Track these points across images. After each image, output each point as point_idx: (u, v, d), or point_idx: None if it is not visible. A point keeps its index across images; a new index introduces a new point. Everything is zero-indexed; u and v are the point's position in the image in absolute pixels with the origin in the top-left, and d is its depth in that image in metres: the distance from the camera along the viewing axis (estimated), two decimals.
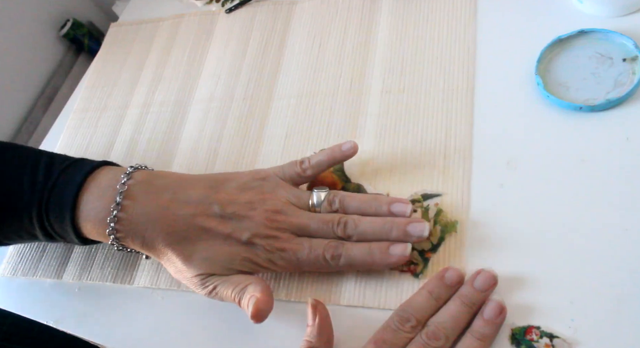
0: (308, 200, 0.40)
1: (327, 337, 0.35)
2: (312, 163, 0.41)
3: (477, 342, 0.33)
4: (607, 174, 0.37)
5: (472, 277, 0.35)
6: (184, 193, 0.39)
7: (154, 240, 0.38)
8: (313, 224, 0.38)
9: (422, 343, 0.33)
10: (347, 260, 0.37)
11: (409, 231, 0.36)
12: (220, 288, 0.37)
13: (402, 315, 0.34)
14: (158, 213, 0.38)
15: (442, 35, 0.47)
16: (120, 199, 0.38)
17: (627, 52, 0.40)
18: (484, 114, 0.42)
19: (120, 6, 0.71)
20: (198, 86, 0.55)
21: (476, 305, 0.34)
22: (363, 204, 0.39)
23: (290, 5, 0.57)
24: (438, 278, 0.35)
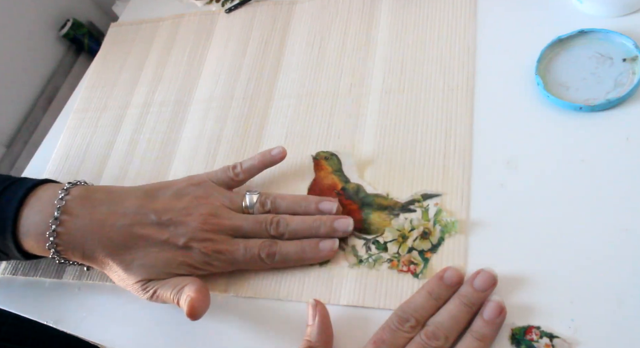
0: (241, 203, 0.42)
1: (326, 337, 0.35)
2: (243, 167, 0.43)
3: (477, 342, 0.33)
4: (607, 174, 0.37)
5: (472, 277, 0.35)
6: (121, 204, 0.40)
7: (93, 252, 0.39)
8: (247, 225, 0.40)
9: (421, 343, 0.33)
10: (281, 256, 0.39)
11: (335, 227, 0.39)
12: (160, 291, 0.38)
13: (401, 315, 0.34)
14: (96, 226, 0.39)
15: (442, 35, 0.47)
16: (58, 214, 0.39)
17: (627, 52, 0.40)
18: (484, 114, 0.42)
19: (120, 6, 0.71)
20: (198, 86, 0.55)
21: (476, 305, 0.34)
22: (293, 204, 0.41)
23: (290, 5, 0.57)
24: (437, 278, 0.35)
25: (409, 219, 0.39)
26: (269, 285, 0.40)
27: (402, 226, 0.39)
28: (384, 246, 0.39)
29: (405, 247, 0.38)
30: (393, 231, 0.39)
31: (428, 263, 0.37)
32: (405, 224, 0.39)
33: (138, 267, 0.39)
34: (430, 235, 0.38)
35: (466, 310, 0.34)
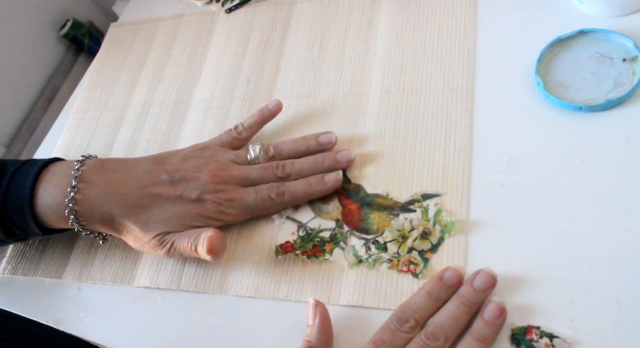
0: (246, 156, 0.44)
1: (326, 337, 0.35)
2: (245, 125, 0.46)
3: (477, 343, 0.33)
4: (607, 174, 0.37)
5: (472, 277, 0.35)
6: (134, 170, 0.43)
7: (111, 214, 0.41)
8: (254, 173, 0.43)
9: (421, 343, 0.33)
10: (290, 195, 0.41)
11: (338, 159, 0.43)
12: (177, 242, 0.40)
13: (401, 315, 0.34)
14: (112, 190, 0.41)
15: (442, 36, 0.47)
16: (75, 182, 0.41)
17: (627, 52, 0.40)
18: (484, 114, 0.42)
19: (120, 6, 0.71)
20: (198, 86, 0.55)
21: (475, 306, 0.34)
22: (294, 144, 0.44)
23: (290, 5, 0.57)
24: (437, 279, 0.35)
25: (408, 219, 0.39)
26: (269, 285, 0.40)
27: (402, 226, 0.39)
28: (383, 246, 0.39)
29: (405, 247, 0.38)
30: (393, 231, 0.39)
31: (428, 263, 0.37)
32: (405, 224, 0.39)
33: (155, 223, 0.40)
34: (430, 235, 0.38)
35: (466, 311, 0.34)
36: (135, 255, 0.46)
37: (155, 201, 0.41)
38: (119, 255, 0.46)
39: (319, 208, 0.42)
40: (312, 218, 0.42)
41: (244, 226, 0.44)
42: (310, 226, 0.42)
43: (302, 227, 0.42)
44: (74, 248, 0.48)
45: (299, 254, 0.41)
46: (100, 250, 0.47)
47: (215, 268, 0.43)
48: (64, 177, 0.41)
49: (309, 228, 0.42)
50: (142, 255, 0.46)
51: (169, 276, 0.44)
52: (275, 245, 0.42)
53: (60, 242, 0.49)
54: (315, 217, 0.42)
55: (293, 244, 0.41)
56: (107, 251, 0.47)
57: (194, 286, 0.42)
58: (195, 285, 0.42)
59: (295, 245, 0.41)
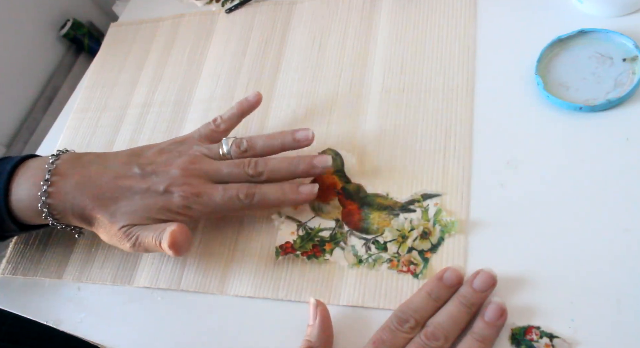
0: (219, 150, 0.43)
1: (327, 337, 0.35)
2: (224, 118, 0.45)
3: (478, 343, 0.33)
4: (607, 174, 0.37)
5: (471, 277, 0.35)
6: (108, 162, 0.43)
7: (82, 206, 0.40)
8: (225, 168, 0.41)
9: (421, 343, 0.33)
10: (260, 197, 0.40)
11: (314, 163, 0.41)
12: (142, 236, 0.39)
13: (400, 316, 0.34)
14: (84, 182, 0.41)
15: (442, 35, 0.47)
16: (49, 176, 0.41)
17: (627, 52, 0.40)
18: (484, 114, 0.42)
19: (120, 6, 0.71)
20: (198, 86, 0.55)
21: (475, 306, 0.34)
22: (269, 140, 0.43)
23: (290, 5, 0.57)
24: (437, 279, 0.35)
25: (408, 219, 0.39)
26: (269, 285, 0.40)
27: (402, 226, 0.39)
28: (383, 246, 0.39)
29: (405, 247, 0.38)
30: (393, 231, 0.39)
31: (428, 263, 0.37)
32: (405, 224, 0.39)
33: (121, 215, 0.40)
34: (430, 235, 0.38)
35: (465, 311, 0.34)
36: (135, 255, 0.46)
37: (125, 193, 0.40)
38: (119, 255, 0.46)
39: (319, 208, 0.42)
40: (312, 217, 0.42)
41: (243, 226, 0.44)
42: (310, 226, 0.42)
43: (301, 226, 0.42)
44: (74, 248, 0.48)
45: (299, 255, 0.41)
46: (101, 250, 0.47)
47: (215, 268, 0.43)
48: (38, 171, 0.41)
49: (309, 227, 0.42)
50: (142, 255, 0.46)
51: (169, 276, 0.44)
52: (275, 245, 0.42)
53: (60, 242, 0.49)
54: (315, 217, 0.42)
55: (293, 244, 0.41)
56: (107, 251, 0.47)
57: (194, 287, 0.42)
58: (195, 285, 0.42)
59: (295, 245, 0.41)
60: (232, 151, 0.42)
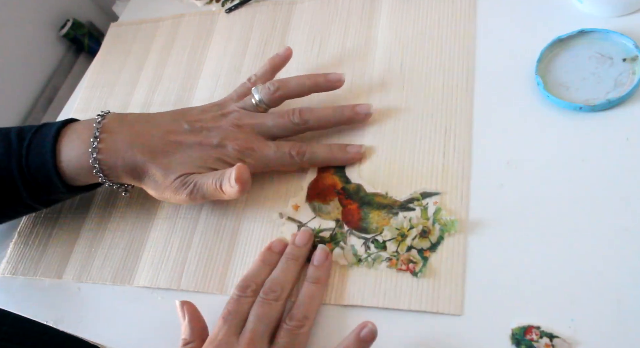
0: (252, 101, 0.44)
1: (200, 330, 0.38)
2: (258, 74, 0.47)
3: (314, 285, 0.38)
4: (607, 174, 0.37)
5: (292, 238, 0.40)
6: (154, 120, 0.44)
7: (134, 161, 0.41)
8: (270, 121, 0.43)
9: (261, 300, 0.37)
10: (311, 155, 0.42)
11: (357, 110, 0.43)
12: (200, 182, 0.40)
13: (241, 285, 0.38)
14: (134, 137, 0.42)
15: (442, 35, 0.47)
16: (98, 133, 0.42)
17: (627, 52, 0.40)
18: (484, 114, 0.42)
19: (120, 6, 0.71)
20: (198, 85, 0.55)
21: (300, 258, 0.39)
22: (301, 79, 0.44)
23: (290, 5, 0.57)
24: (267, 249, 0.40)
25: (408, 217, 0.39)
26: None
27: (401, 225, 0.39)
28: (382, 245, 0.39)
29: (404, 246, 0.38)
30: (392, 230, 0.39)
31: (427, 262, 0.37)
32: (405, 222, 0.39)
33: (177, 165, 0.41)
34: (430, 233, 0.38)
35: (293, 263, 0.39)
36: (135, 255, 0.46)
37: (177, 147, 0.42)
38: (119, 255, 0.46)
39: (319, 208, 0.42)
40: (312, 218, 0.42)
41: (243, 226, 0.44)
42: (311, 227, 0.42)
43: (302, 227, 0.42)
44: (74, 248, 0.48)
45: None
46: (100, 250, 0.47)
47: (215, 268, 0.43)
48: (85, 130, 0.42)
49: (309, 228, 0.42)
50: (142, 254, 0.46)
51: (169, 276, 0.44)
52: None
53: (60, 242, 0.49)
54: (315, 217, 0.42)
55: None
56: (107, 251, 0.47)
57: (194, 286, 0.42)
58: (195, 285, 0.42)
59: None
60: (264, 96, 0.44)
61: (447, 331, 0.35)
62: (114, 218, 0.49)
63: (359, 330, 0.34)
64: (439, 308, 0.36)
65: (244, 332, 0.36)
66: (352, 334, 0.34)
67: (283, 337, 0.35)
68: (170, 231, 0.46)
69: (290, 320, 0.36)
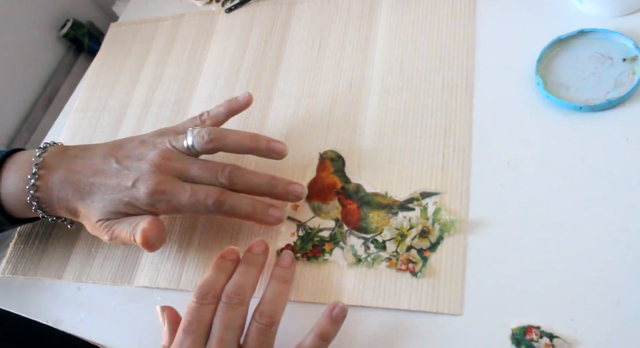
0: (184, 142, 0.41)
1: None
2: (210, 114, 0.44)
3: (282, 284, 0.37)
4: (607, 174, 0.37)
5: (249, 247, 0.39)
6: (92, 155, 0.42)
7: (66, 199, 0.41)
8: (196, 169, 0.40)
9: (224, 305, 0.35)
10: (230, 208, 0.39)
11: (289, 190, 0.40)
12: (117, 229, 0.40)
13: (200, 292, 0.36)
14: (67, 176, 0.41)
15: (442, 35, 0.47)
16: (36, 169, 0.41)
17: (627, 52, 0.40)
18: (484, 114, 0.42)
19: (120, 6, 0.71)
20: (198, 85, 0.55)
21: (259, 264, 0.38)
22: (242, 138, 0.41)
23: (289, 5, 0.57)
24: (220, 258, 0.39)
25: (407, 217, 0.39)
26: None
27: (400, 225, 0.39)
28: (382, 245, 0.39)
29: (404, 246, 0.38)
30: (392, 230, 0.39)
31: (427, 262, 0.37)
32: (404, 222, 0.39)
33: (94, 209, 0.40)
34: (429, 233, 0.38)
35: (253, 269, 0.38)
36: (135, 255, 0.46)
37: (99, 188, 0.40)
38: (119, 255, 0.46)
39: (319, 208, 0.42)
40: (312, 217, 0.42)
41: (243, 226, 0.44)
42: (310, 226, 0.42)
43: (301, 226, 0.42)
44: (74, 248, 0.48)
45: (299, 257, 0.41)
46: (100, 249, 0.47)
47: None
48: (25, 164, 0.42)
49: (309, 227, 0.42)
50: (142, 254, 0.46)
51: (169, 276, 0.44)
52: (275, 247, 0.42)
53: (60, 242, 0.49)
54: (314, 216, 0.42)
55: (293, 247, 0.41)
56: (107, 251, 0.47)
57: (194, 286, 0.42)
58: (195, 285, 0.42)
59: (295, 247, 0.41)
60: (196, 143, 0.40)
61: (447, 331, 0.35)
62: None
63: (330, 310, 0.35)
64: (438, 308, 0.36)
65: (210, 342, 0.34)
66: (324, 315, 0.35)
67: (255, 338, 0.34)
68: (170, 231, 0.46)
69: (261, 317, 0.35)
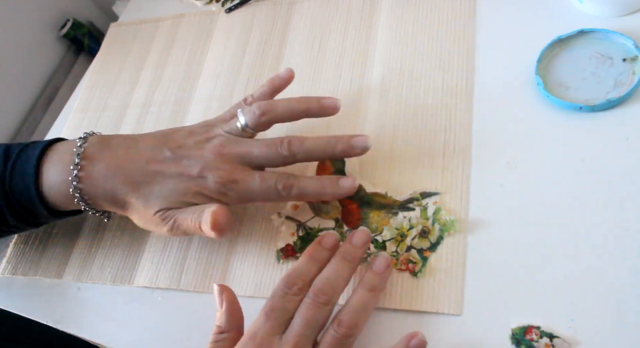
0: (237, 124, 0.40)
1: (236, 320, 0.36)
2: (255, 96, 0.43)
3: (369, 293, 0.35)
4: (607, 174, 0.37)
5: (349, 237, 0.37)
6: (137, 145, 0.41)
7: (114, 191, 0.39)
8: (256, 149, 0.39)
9: (310, 302, 0.34)
10: (298, 190, 0.38)
11: (353, 144, 0.38)
12: (180, 218, 0.38)
13: (287, 280, 0.35)
14: (114, 166, 0.40)
15: (442, 35, 0.47)
16: (78, 160, 0.40)
17: (627, 52, 0.40)
18: (484, 114, 0.42)
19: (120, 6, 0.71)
20: (198, 85, 0.55)
21: (355, 260, 0.36)
22: (291, 103, 0.40)
23: (289, 5, 0.57)
24: (316, 243, 0.38)
25: (407, 217, 0.39)
26: (269, 285, 0.40)
27: (400, 225, 0.39)
28: (382, 245, 0.39)
29: (404, 246, 0.38)
30: (392, 230, 0.39)
31: (427, 262, 0.37)
32: (404, 222, 0.39)
33: (155, 199, 0.39)
34: (429, 233, 0.38)
35: (347, 265, 0.36)
36: (135, 255, 0.46)
37: (157, 177, 0.39)
38: (119, 255, 0.46)
39: (319, 208, 0.42)
40: (312, 217, 0.42)
41: (243, 226, 0.44)
42: (310, 226, 0.42)
43: (301, 226, 0.42)
44: (74, 248, 0.48)
45: (300, 257, 0.41)
46: (100, 250, 0.47)
47: (215, 268, 0.43)
48: (66, 155, 0.41)
49: (309, 227, 0.42)
50: (142, 254, 0.46)
51: (169, 276, 0.44)
52: (275, 247, 0.42)
53: (60, 242, 0.49)
54: (314, 216, 0.42)
55: (294, 247, 0.41)
56: (107, 251, 0.47)
57: (194, 286, 0.42)
58: (195, 285, 0.42)
59: (295, 247, 0.41)
60: (249, 120, 0.40)
61: (447, 331, 0.35)
62: (114, 218, 0.49)
63: (408, 339, 0.33)
64: (438, 308, 0.36)
65: (288, 333, 0.34)
66: (401, 343, 0.33)
67: (328, 344, 0.33)
68: None
69: (339, 326, 0.33)
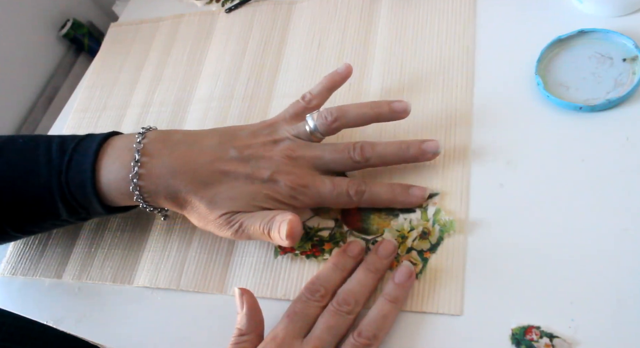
0: (305, 128, 0.40)
1: (256, 323, 0.36)
2: (314, 93, 0.42)
3: (390, 304, 0.35)
4: (607, 174, 0.37)
5: (375, 247, 0.37)
6: (199, 143, 0.40)
7: (177, 190, 0.38)
8: (328, 154, 0.39)
9: (333, 310, 0.35)
10: (370, 196, 0.38)
11: (424, 148, 0.39)
12: (247, 223, 0.37)
13: (311, 287, 0.36)
14: (177, 164, 0.39)
15: (442, 35, 0.47)
16: (138, 156, 0.39)
17: (627, 52, 0.40)
18: (484, 114, 0.42)
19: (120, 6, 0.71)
20: (198, 85, 0.55)
21: (380, 271, 0.36)
22: (362, 108, 0.40)
23: (289, 5, 0.57)
24: (341, 251, 0.38)
25: (408, 219, 0.39)
26: (268, 284, 0.40)
27: (401, 226, 0.39)
28: None
29: (405, 247, 0.38)
30: (392, 232, 0.39)
31: (427, 263, 0.37)
32: (405, 224, 0.39)
33: (223, 200, 0.38)
34: (430, 234, 0.38)
35: (372, 276, 0.36)
36: (135, 255, 0.46)
37: (224, 178, 0.38)
38: (119, 255, 0.46)
39: (318, 207, 0.42)
40: (311, 216, 0.42)
41: None
42: (309, 225, 0.42)
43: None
44: (74, 248, 0.48)
45: (298, 254, 0.41)
46: (100, 249, 0.47)
47: (215, 268, 0.43)
48: (125, 151, 0.39)
49: (308, 226, 0.42)
50: (142, 255, 0.46)
51: (169, 276, 0.44)
52: (275, 246, 0.42)
53: (60, 242, 0.49)
54: (313, 216, 0.42)
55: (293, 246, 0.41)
56: (107, 251, 0.47)
57: (194, 286, 0.42)
58: (195, 285, 0.42)
59: (295, 246, 0.41)
60: (320, 126, 0.39)
61: (447, 331, 0.35)
62: (114, 218, 0.49)
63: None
64: (439, 309, 0.35)
65: (309, 337, 0.34)
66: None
67: None
68: (170, 231, 0.46)
69: (359, 337, 0.33)
